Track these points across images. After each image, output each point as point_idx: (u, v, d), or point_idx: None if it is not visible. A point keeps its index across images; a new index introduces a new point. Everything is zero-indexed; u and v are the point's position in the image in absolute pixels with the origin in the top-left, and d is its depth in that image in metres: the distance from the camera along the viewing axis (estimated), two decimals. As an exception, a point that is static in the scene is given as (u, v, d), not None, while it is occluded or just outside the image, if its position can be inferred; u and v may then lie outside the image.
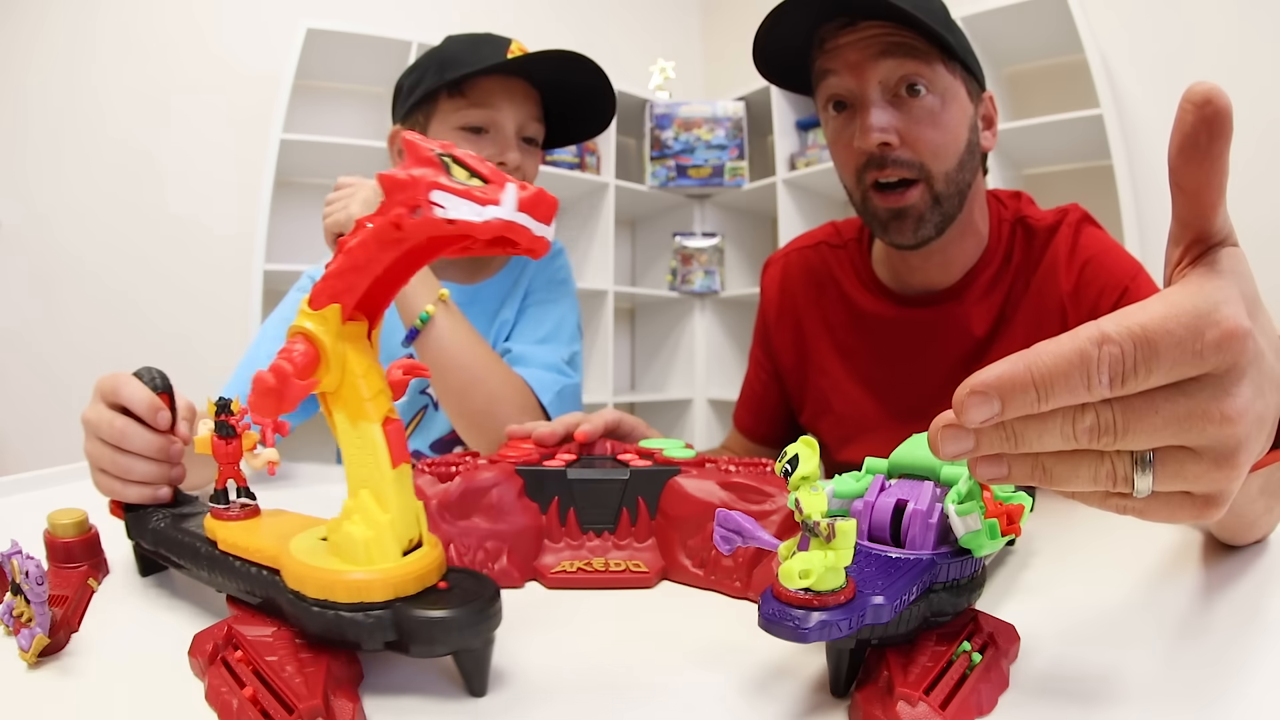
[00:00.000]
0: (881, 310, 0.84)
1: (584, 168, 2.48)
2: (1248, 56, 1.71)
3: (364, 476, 0.33)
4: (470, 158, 0.29)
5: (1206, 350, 0.25)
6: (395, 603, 0.31)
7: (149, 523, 0.45)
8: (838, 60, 0.71)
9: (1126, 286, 0.74)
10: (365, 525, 0.32)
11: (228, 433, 0.43)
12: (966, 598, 0.34)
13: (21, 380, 1.98)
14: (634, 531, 0.49)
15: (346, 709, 0.30)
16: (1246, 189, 1.83)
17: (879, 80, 0.70)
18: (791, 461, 0.30)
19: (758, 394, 1.00)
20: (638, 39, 2.92)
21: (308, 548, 0.34)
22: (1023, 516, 0.35)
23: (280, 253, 2.03)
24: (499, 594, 0.33)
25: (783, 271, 0.96)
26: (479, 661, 0.32)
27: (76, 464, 0.81)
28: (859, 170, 0.73)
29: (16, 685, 0.33)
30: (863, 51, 0.70)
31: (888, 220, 0.74)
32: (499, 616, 0.33)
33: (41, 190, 2.00)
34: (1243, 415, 0.25)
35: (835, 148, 0.77)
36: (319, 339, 0.31)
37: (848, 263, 0.90)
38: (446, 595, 0.32)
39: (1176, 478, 0.27)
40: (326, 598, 0.31)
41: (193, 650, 0.34)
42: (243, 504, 0.42)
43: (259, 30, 2.19)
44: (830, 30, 0.72)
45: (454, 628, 0.31)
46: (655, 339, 2.88)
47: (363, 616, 0.31)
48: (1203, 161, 0.27)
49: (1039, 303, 0.78)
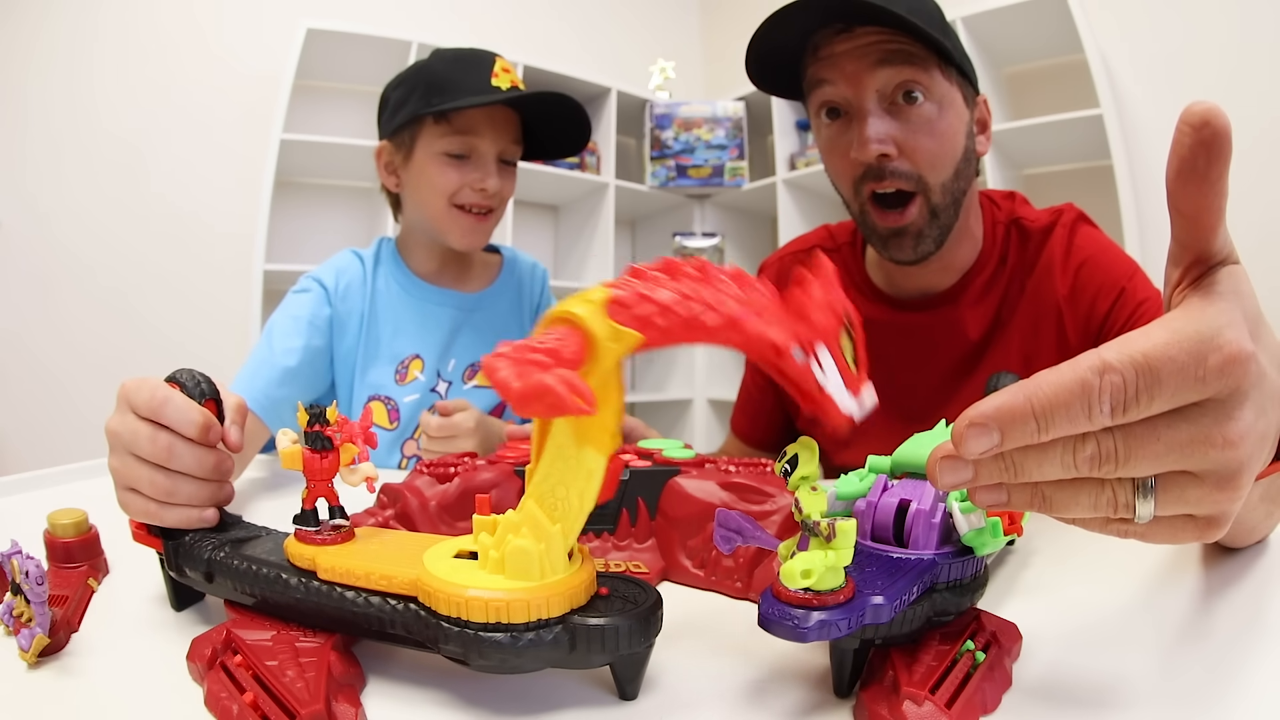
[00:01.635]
0: (876, 314, 0.84)
1: (584, 168, 2.48)
2: (1248, 56, 1.71)
3: (554, 497, 0.30)
4: (859, 340, 0.29)
5: (1209, 376, 0.25)
6: (571, 615, 0.30)
7: (202, 552, 0.38)
8: (833, 69, 0.70)
9: (1123, 287, 0.74)
10: (535, 537, 0.30)
11: (323, 445, 0.37)
12: (969, 597, 0.34)
13: (21, 380, 1.98)
14: (634, 532, 0.49)
15: (349, 713, 0.30)
16: (1247, 189, 1.83)
17: (876, 89, 0.69)
18: (791, 462, 0.30)
19: (754, 399, 1.00)
20: (638, 39, 2.92)
21: (450, 569, 0.32)
22: (1024, 516, 0.35)
23: (280, 253, 2.03)
24: (660, 599, 0.33)
25: (777, 276, 0.95)
26: (638, 665, 0.32)
27: (76, 464, 0.81)
28: (856, 181, 0.73)
29: (17, 685, 0.33)
30: (859, 60, 0.69)
31: (887, 237, 0.74)
32: (661, 621, 0.32)
33: (41, 190, 2.00)
34: (1245, 438, 0.25)
35: (830, 156, 0.76)
36: (590, 329, 0.28)
37: (841, 267, 0.89)
38: (608, 603, 0.32)
39: (1178, 502, 0.27)
40: (499, 620, 0.29)
41: (191, 655, 0.33)
42: (335, 525, 0.37)
43: (259, 30, 2.19)
44: (825, 36, 0.71)
45: (622, 635, 0.30)
46: (655, 339, 2.88)
47: (536, 635, 0.30)
48: (1201, 184, 0.26)
49: (1035, 305, 0.77)
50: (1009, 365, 0.78)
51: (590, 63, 2.58)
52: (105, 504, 0.49)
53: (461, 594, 0.30)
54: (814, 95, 0.73)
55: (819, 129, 0.76)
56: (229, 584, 0.37)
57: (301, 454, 0.37)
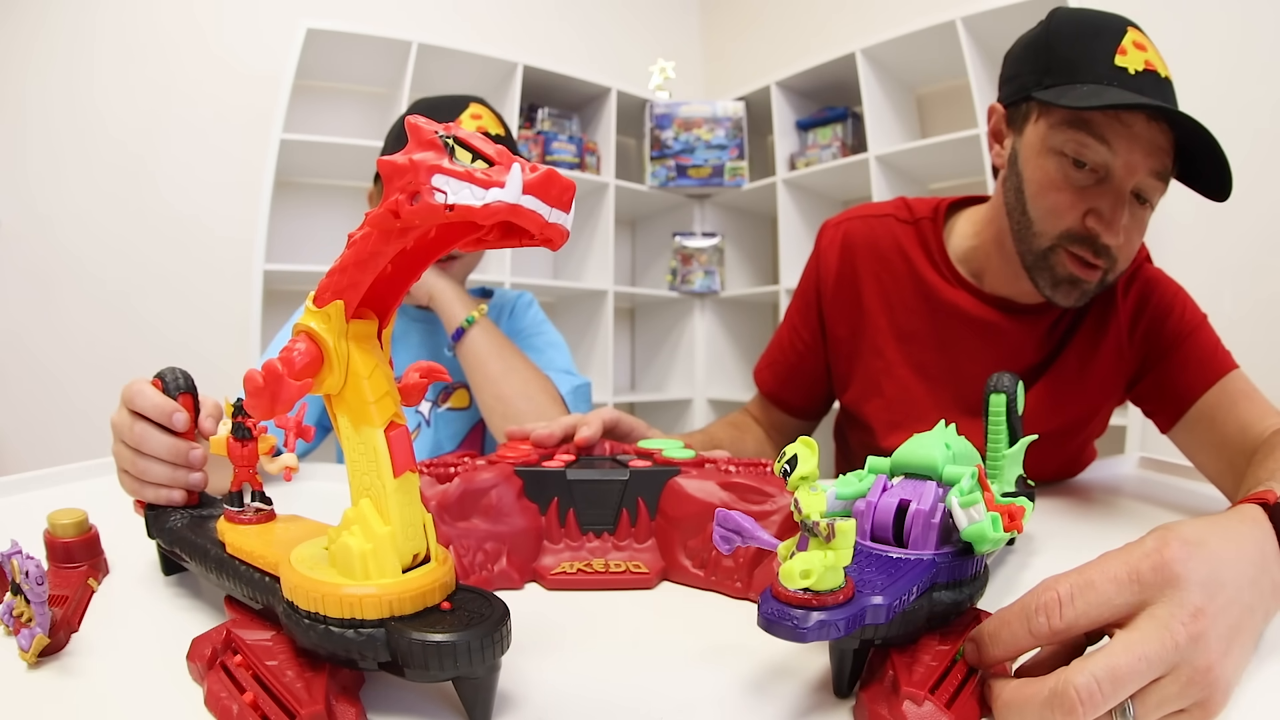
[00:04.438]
0: (958, 299, 0.82)
1: (584, 168, 2.48)
2: (1248, 56, 1.71)
3: (366, 484, 0.31)
4: (475, 138, 0.26)
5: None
6: (390, 621, 0.29)
7: (166, 522, 0.45)
8: (1123, 141, 0.66)
9: (1175, 309, 0.77)
10: (364, 537, 0.30)
11: (243, 435, 0.42)
12: (968, 597, 0.34)
13: (21, 380, 1.98)
14: (634, 532, 0.49)
15: (349, 714, 0.29)
16: (1247, 189, 1.83)
17: (1136, 183, 0.68)
18: (790, 462, 0.30)
19: (791, 362, 0.95)
20: (638, 39, 2.92)
21: (309, 557, 0.33)
22: (1025, 514, 0.35)
23: (280, 253, 2.03)
24: (506, 618, 0.30)
25: (845, 237, 0.89)
26: (481, 691, 0.30)
27: (76, 464, 0.81)
28: (1068, 233, 0.70)
29: (16, 685, 0.33)
30: (1146, 155, 0.66)
31: (1063, 281, 0.72)
32: (503, 644, 0.30)
33: (41, 190, 2.00)
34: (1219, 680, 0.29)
35: (1059, 194, 0.70)
36: (321, 338, 0.30)
37: (918, 241, 0.85)
38: (447, 617, 0.30)
39: (1157, 710, 0.29)
40: (318, 610, 0.30)
41: (191, 654, 0.33)
42: (256, 508, 0.41)
43: (259, 30, 2.19)
44: (1134, 113, 0.66)
45: (451, 653, 0.28)
46: (655, 339, 2.88)
47: (353, 634, 0.29)
48: None
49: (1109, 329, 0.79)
50: (1066, 383, 0.79)
51: (590, 63, 2.58)
52: (105, 504, 0.49)
53: (297, 579, 0.31)
54: (1075, 136, 0.67)
55: (1051, 160, 0.70)
56: (178, 550, 0.43)
57: (227, 442, 0.42)
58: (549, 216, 0.26)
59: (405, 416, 0.32)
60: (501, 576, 0.46)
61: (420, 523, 0.32)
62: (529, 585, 0.47)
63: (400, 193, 0.26)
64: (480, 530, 0.47)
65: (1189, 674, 0.29)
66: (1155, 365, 0.78)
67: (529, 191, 0.26)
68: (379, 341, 0.32)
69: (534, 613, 0.42)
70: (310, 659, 0.32)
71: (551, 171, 0.26)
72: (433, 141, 0.26)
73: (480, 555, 0.46)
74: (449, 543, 0.46)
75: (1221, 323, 0.79)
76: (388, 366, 0.32)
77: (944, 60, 2.02)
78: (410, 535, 0.31)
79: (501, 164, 0.26)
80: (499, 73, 2.32)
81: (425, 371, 0.35)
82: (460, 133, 0.26)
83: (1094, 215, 0.68)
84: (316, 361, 0.30)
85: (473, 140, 0.26)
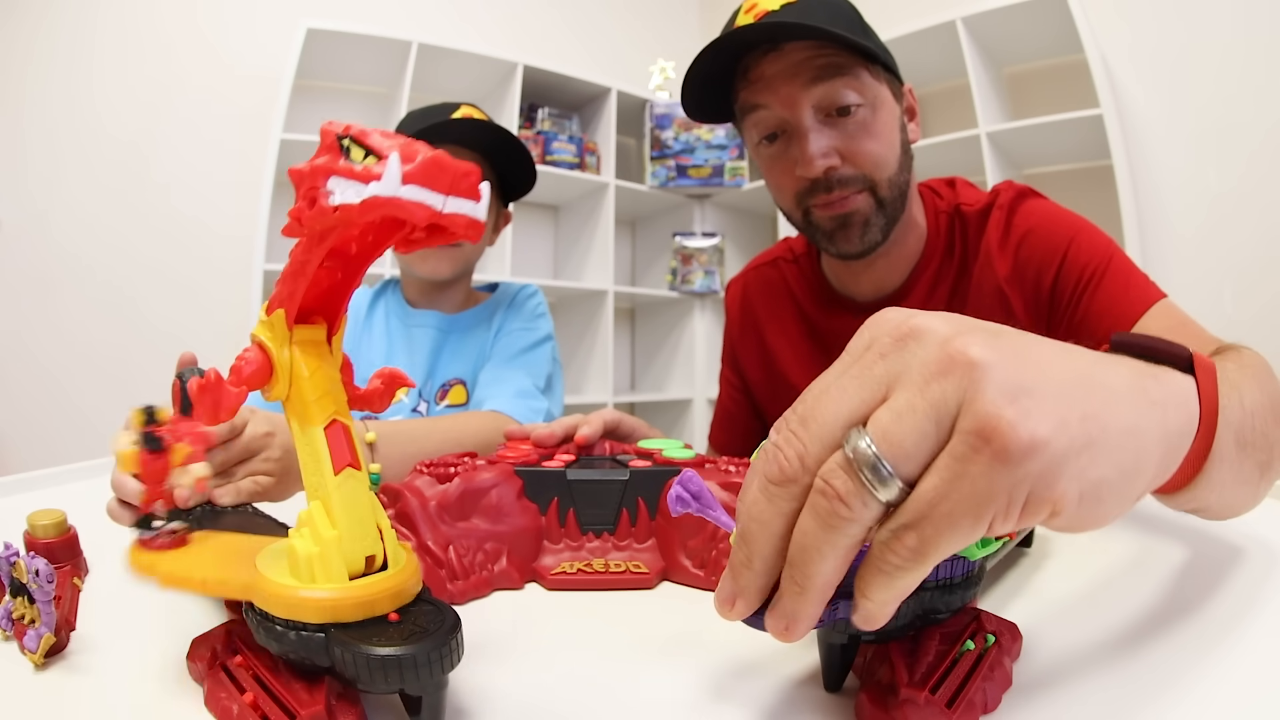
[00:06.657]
0: (835, 321, 0.85)
1: (584, 168, 2.48)
2: (1249, 56, 1.71)
3: (315, 485, 0.30)
4: (375, 134, 0.25)
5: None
6: (330, 629, 0.28)
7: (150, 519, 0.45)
8: (767, 93, 0.70)
9: (1064, 254, 0.72)
10: (312, 540, 0.30)
11: (155, 446, 0.35)
12: (960, 596, 0.34)
13: (21, 380, 1.98)
14: (634, 532, 0.49)
15: (350, 715, 0.30)
16: (1247, 189, 1.83)
17: (811, 106, 0.69)
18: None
19: (730, 411, 1.01)
20: (638, 39, 2.92)
21: (273, 554, 0.33)
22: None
23: (280, 253, 2.02)
24: (455, 633, 0.29)
25: (743, 290, 0.97)
26: (427, 708, 0.29)
27: (75, 464, 0.81)
28: (801, 195, 0.73)
29: (17, 685, 0.33)
30: (791, 81, 0.69)
31: (833, 230, 0.73)
32: (449, 661, 0.28)
33: (41, 190, 2.00)
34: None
35: (774, 175, 0.76)
36: (268, 346, 0.30)
37: (801, 278, 0.90)
38: (388, 629, 0.29)
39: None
40: (265, 609, 0.29)
41: (191, 655, 0.33)
42: (171, 530, 0.36)
43: (259, 30, 2.20)
44: (754, 58, 0.71)
45: (387, 666, 0.27)
46: (655, 339, 2.89)
47: (295, 635, 0.29)
48: None
49: (980, 293, 0.77)
50: None
51: (590, 63, 2.58)
52: (86, 505, 0.49)
53: (260, 582, 0.30)
54: (749, 119, 0.74)
55: (758, 152, 0.76)
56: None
57: (138, 455, 0.35)
58: (443, 206, 0.25)
59: (351, 417, 0.32)
60: (501, 576, 0.46)
61: (373, 525, 0.31)
62: (529, 585, 0.48)
63: (302, 199, 0.26)
64: (480, 530, 0.47)
65: (919, 369, 0.23)
66: (1067, 314, 0.72)
67: (410, 181, 0.24)
68: (329, 346, 0.32)
69: (534, 612, 0.43)
70: (310, 659, 0.32)
71: (439, 156, 0.24)
72: (333, 144, 0.25)
73: (480, 555, 0.46)
74: (449, 543, 0.46)
75: (1221, 323, 0.78)
76: (334, 370, 0.32)
77: (944, 60, 2.02)
78: (359, 535, 0.30)
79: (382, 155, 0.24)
80: (499, 73, 2.32)
81: (388, 379, 0.34)
82: (357, 130, 0.25)
83: (800, 166, 0.71)
84: (263, 370, 0.30)
85: (369, 137, 0.25)
